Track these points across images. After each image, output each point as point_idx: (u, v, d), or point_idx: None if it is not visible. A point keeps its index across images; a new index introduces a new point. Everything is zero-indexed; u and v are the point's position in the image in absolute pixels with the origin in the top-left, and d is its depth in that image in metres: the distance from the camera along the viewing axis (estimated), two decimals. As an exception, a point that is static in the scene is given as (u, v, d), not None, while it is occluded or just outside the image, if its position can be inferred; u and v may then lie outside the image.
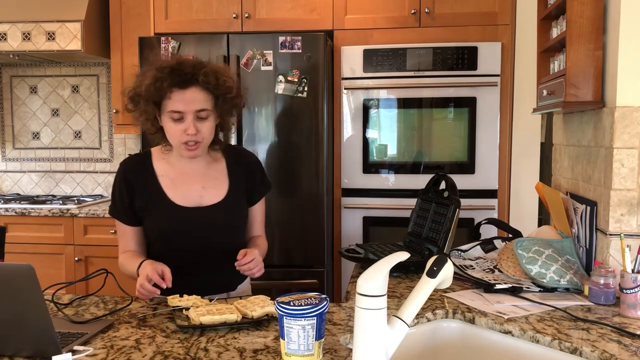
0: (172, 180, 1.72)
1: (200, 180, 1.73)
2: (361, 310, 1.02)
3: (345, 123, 3.11)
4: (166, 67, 1.59)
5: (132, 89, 1.64)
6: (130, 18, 3.55)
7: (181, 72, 1.59)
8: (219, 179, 1.75)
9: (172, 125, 1.62)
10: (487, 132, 3.01)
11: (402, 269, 1.88)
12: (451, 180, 1.97)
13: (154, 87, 1.58)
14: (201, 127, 1.62)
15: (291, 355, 1.16)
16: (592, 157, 1.79)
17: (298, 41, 2.91)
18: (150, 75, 1.59)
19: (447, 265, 1.10)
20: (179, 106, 1.59)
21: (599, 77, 1.71)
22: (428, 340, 1.49)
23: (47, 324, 1.16)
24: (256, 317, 1.38)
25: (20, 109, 4.09)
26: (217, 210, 1.71)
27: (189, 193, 1.70)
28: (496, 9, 3.01)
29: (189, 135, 1.60)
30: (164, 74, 1.58)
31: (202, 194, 1.71)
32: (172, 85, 1.58)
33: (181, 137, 1.62)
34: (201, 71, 1.60)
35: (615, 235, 1.63)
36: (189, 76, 1.59)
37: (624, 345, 1.27)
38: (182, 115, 1.60)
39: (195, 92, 1.60)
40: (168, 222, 1.69)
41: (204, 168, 1.74)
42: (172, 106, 1.59)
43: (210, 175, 1.74)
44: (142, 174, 1.72)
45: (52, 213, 3.40)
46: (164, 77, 1.57)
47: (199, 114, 1.61)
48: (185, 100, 1.59)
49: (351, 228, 3.14)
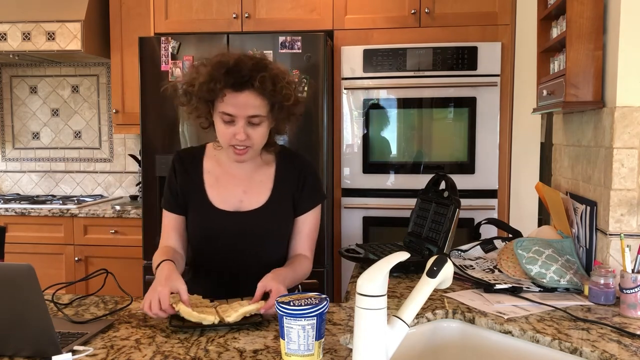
0: (217, 178, 1.66)
1: (243, 183, 1.66)
2: (361, 310, 1.02)
3: (345, 123, 3.11)
4: (222, 67, 1.50)
5: (185, 84, 1.57)
6: (130, 18, 3.55)
7: (237, 74, 1.49)
8: (263, 184, 1.66)
9: (222, 127, 1.55)
10: (487, 132, 3.01)
11: (402, 269, 1.88)
12: (451, 180, 1.97)
13: (207, 87, 1.50)
14: (252, 133, 1.54)
15: (291, 355, 1.16)
16: (592, 157, 1.79)
17: (298, 41, 2.91)
18: (205, 72, 1.51)
19: (447, 265, 1.10)
20: (231, 109, 1.51)
21: (599, 77, 1.71)
22: (428, 340, 1.49)
23: (47, 324, 1.16)
24: (231, 322, 1.35)
25: (20, 109, 4.09)
26: (255, 216, 1.63)
27: (230, 196, 1.64)
28: (496, 9, 3.01)
29: (237, 140, 1.53)
30: (219, 73, 1.49)
31: (242, 199, 1.64)
32: (226, 87, 1.49)
33: (230, 140, 1.54)
34: (258, 75, 1.49)
35: (615, 235, 1.63)
36: (244, 79, 1.49)
37: (624, 345, 1.27)
38: (233, 118, 1.52)
39: (249, 97, 1.50)
40: (203, 222, 1.64)
41: (251, 171, 1.67)
42: (224, 108, 1.51)
43: (255, 179, 1.67)
44: (190, 168, 1.67)
45: (52, 213, 3.40)
46: (219, 78, 1.49)
47: (251, 120, 1.52)
48: (237, 105, 1.50)
49: (351, 228, 3.14)
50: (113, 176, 4.04)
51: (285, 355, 1.17)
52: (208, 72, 1.51)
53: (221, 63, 1.51)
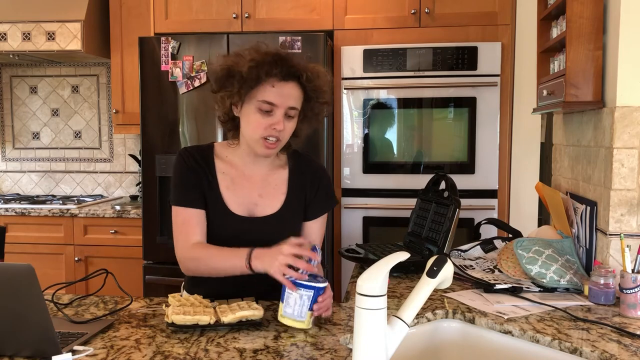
0: (232, 180, 1.61)
1: (259, 187, 1.62)
2: (361, 310, 1.02)
3: (345, 123, 3.11)
4: (271, 54, 1.49)
5: (227, 66, 1.52)
6: (130, 18, 3.55)
7: (287, 64, 1.49)
8: (278, 188, 1.64)
9: (258, 117, 1.51)
10: (487, 132, 3.01)
11: (402, 269, 1.88)
12: (451, 180, 1.97)
13: (256, 70, 1.46)
14: (287, 125, 1.53)
15: (285, 318, 1.33)
16: (592, 157, 1.79)
17: (298, 41, 2.91)
18: (252, 57, 1.48)
19: (447, 265, 1.10)
20: (275, 98, 1.49)
21: (599, 77, 1.71)
22: (428, 340, 1.49)
23: (47, 324, 1.16)
24: (226, 322, 1.35)
25: (20, 109, 4.09)
26: (269, 222, 1.60)
27: (245, 200, 1.61)
28: (496, 9, 3.01)
29: (275, 130, 1.50)
30: (268, 59, 1.47)
31: (257, 202, 1.61)
32: (275, 74, 1.48)
33: (264, 131, 1.51)
34: (308, 69, 1.51)
35: (615, 235, 1.63)
36: (293, 69, 1.50)
37: (624, 345, 1.27)
38: (272, 108, 1.50)
39: (293, 88, 1.51)
40: (217, 225, 1.59)
41: (266, 173, 1.64)
42: (267, 96, 1.49)
43: (270, 182, 1.64)
44: (203, 165, 1.60)
45: (52, 213, 3.40)
46: (269, 63, 1.47)
47: (289, 112, 1.52)
48: (282, 94, 1.49)
49: (351, 228, 3.14)
50: (113, 176, 4.04)
51: (280, 316, 1.33)
52: (255, 57, 1.48)
53: (270, 52, 1.50)
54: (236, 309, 1.39)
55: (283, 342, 1.29)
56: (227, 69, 1.52)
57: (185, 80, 2.98)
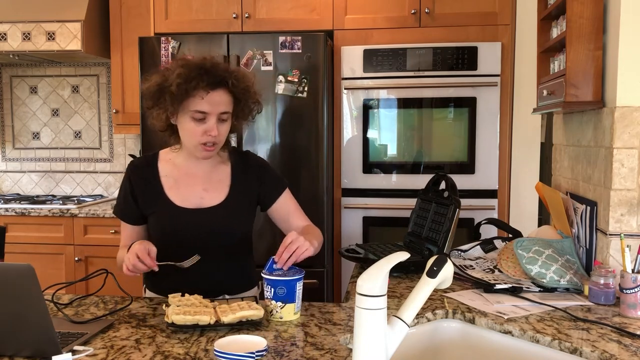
0: (176, 180, 1.73)
1: (202, 182, 1.73)
2: (361, 310, 1.02)
3: (345, 123, 3.11)
4: (198, 67, 1.58)
5: (157, 85, 1.61)
6: (130, 18, 3.55)
7: (214, 73, 1.58)
8: (221, 182, 1.75)
9: (193, 125, 1.61)
10: (487, 132, 3.01)
11: (402, 269, 1.88)
12: (451, 180, 1.97)
13: (184, 85, 1.56)
14: (221, 129, 1.63)
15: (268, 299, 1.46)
16: (592, 157, 1.79)
17: (298, 41, 2.91)
18: (180, 72, 1.57)
19: (447, 265, 1.10)
20: (206, 107, 1.59)
21: (599, 77, 1.71)
22: (428, 340, 1.49)
23: (47, 324, 1.16)
24: (227, 322, 1.35)
25: (20, 109, 4.09)
26: (216, 212, 1.70)
27: (190, 194, 1.71)
28: (496, 9, 3.01)
29: (210, 136, 1.61)
30: (196, 73, 1.56)
31: (203, 196, 1.71)
32: (203, 86, 1.57)
33: (201, 138, 1.62)
34: (232, 74, 1.61)
35: (615, 235, 1.63)
36: (219, 78, 1.59)
37: (624, 345, 1.27)
38: (205, 115, 1.60)
39: (222, 95, 1.61)
40: (168, 222, 1.70)
41: (209, 170, 1.74)
42: (198, 106, 1.58)
43: (213, 177, 1.74)
44: (146, 175, 1.73)
45: (52, 213, 3.40)
46: (195, 77, 1.56)
47: (221, 116, 1.62)
48: (212, 102, 1.59)
49: (351, 228, 3.14)
50: (113, 176, 4.04)
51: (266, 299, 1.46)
52: (182, 72, 1.57)
53: (195, 64, 1.60)
54: (236, 309, 1.39)
55: (283, 342, 1.29)
56: (157, 86, 1.61)
57: (185, 80, 2.98)
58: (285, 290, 1.43)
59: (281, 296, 1.43)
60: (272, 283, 1.44)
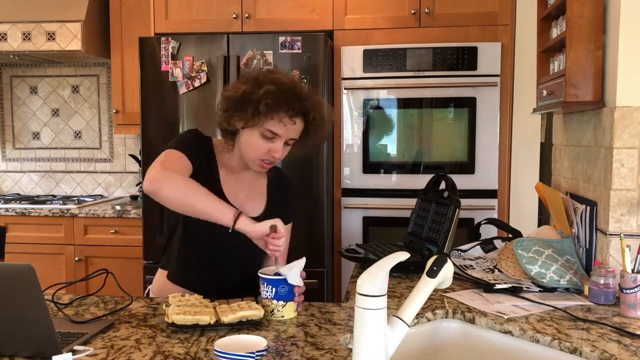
0: (226, 175, 1.70)
1: (245, 188, 1.72)
2: (361, 310, 1.02)
3: (345, 123, 3.11)
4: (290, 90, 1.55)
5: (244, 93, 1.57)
6: (130, 18, 3.55)
7: (299, 104, 1.56)
8: (260, 195, 1.75)
9: (260, 142, 1.59)
10: (487, 132, 3.01)
11: (402, 269, 1.88)
12: (451, 180, 1.97)
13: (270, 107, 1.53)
14: (284, 152, 1.64)
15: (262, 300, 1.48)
16: (592, 157, 1.79)
17: (298, 41, 2.91)
18: (270, 90, 1.54)
19: (447, 265, 1.10)
20: (281, 131, 1.58)
21: (599, 77, 1.71)
22: (428, 340, 1.49)
23: (47, 324, 1.16)
24: (227, 322, 1.35)
25: (21, 109, 4.09)
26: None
27: (235, 196, 1.68)
28: (496, 9, 3.01)
29: (273, 156, 1.60)
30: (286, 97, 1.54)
31: (244, 203, 1.68)
32: (289, 111, 1.55)
33: (263, 155, 1.61)
34: (316, 107, 1.60)
35: (615, 235, 1.63)
36: (303, 109, 1.58)
37: (624, 345, 1.27)
38: (275, 137, 1.59)
39: (299, 123, 1.60)
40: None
41: (252, 180, 1.74)
42: (274, 128, 1.57)
43: (254, 187, 1.75)
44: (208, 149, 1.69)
45: (52, 213, 3.40)
46: (286, 101, 1.54)
47: (289, 141, 1.62)
48: (288, 128, 1.58)
49: (351, 228, 3.14)
50: (113, 176, 4.04)
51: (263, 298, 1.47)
52: (275, 93, 1.54)
53: (286, 87, 1.56)
54: (236, 309, 1.39)
55: (283, 342, 1.29)
56: (243, 95, 1.57)
57: (185, 80, 2.98)
58: (287, 289, 1.45)
59: (283, 295, 1.44)
60: (273, 283, 1.45)
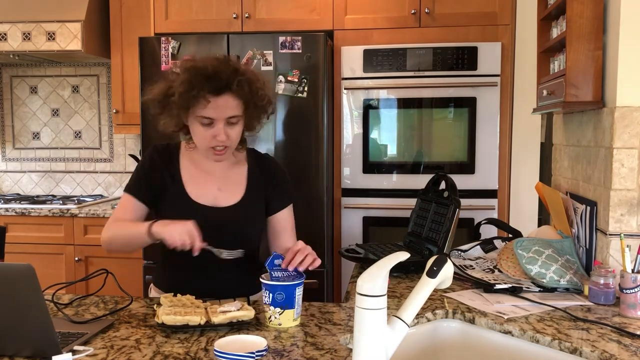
0: (192, 176, 1.71)
1: (218, 181, 1.72)
2: (361, 310, 1.02)
3: (345, 123, 3.11)
4: (200, 73, 1.55)
5: (162, 93, 1.60)
6: (130, 18, 3.55)
7: (217, 79, 1.55)
8: (237, 183, 1.73)
9: (201, 130, 1.60)
10: (487, 132, 3.01)
11: (402, 269, 1.88)
12: (451, 180, 1.97)
13: (187, 95, 1.54)
14: (230, 133, 1.61)
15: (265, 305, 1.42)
16: (592, 157, 1.79)
17: (298, 41, 2.91)
18: (183, 79, 1.55)
19: (447, 265, 1.10)
20: (211, 113, 1.57)
21: (599, 77, 1.71)
22: (428, 340, 1.49)
23: (47, 324, 1.16)
24: (217, 322, 1.35)
25: (21, 109, 4.09)
26: (231, 212, 1.68)
27: (205, 192, 1.69)
28: (496, 9, 3.01)
29: (218, 140, 1.59)
30: (198, 81, 1.54)
31: (216, 196, 1.69)
32: (206, 92, 1.54)
33: (210, 142, 1.60)
34: (236, 79, 1.57)
35: (615, 235, 1.63)
36: (223, 83, 1.56)
37: (624, 345, 1.27)
38: (212, 121, 1.58)
39: (228, 99, 1.57)
40: (181, 214, 1.63)
41: (226, 170, 1.73)
42: (204, 112, 1.57)
43: (229, 178, 1.73)
44: (168, 160, 1.72)
45: (52, 213, 3.40)
46: (199, 85, 1.54)
47: (230, 120, 1.60)
48: (218, 108, 1.57)
49: (351, 228, 3.14)
50: (113, 176, 4.04)
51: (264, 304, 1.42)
52: (186, 80, 1.55)
53: (198, 69, 1.56)
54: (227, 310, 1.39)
55: (283, 342, 1.29)
56: (163, 94, 1.60)
57: (185, 80, 2.98)
58: (284, 296, 1.38)
59: (280, 302, 1.38)
60: (270, 288, 1.39)
